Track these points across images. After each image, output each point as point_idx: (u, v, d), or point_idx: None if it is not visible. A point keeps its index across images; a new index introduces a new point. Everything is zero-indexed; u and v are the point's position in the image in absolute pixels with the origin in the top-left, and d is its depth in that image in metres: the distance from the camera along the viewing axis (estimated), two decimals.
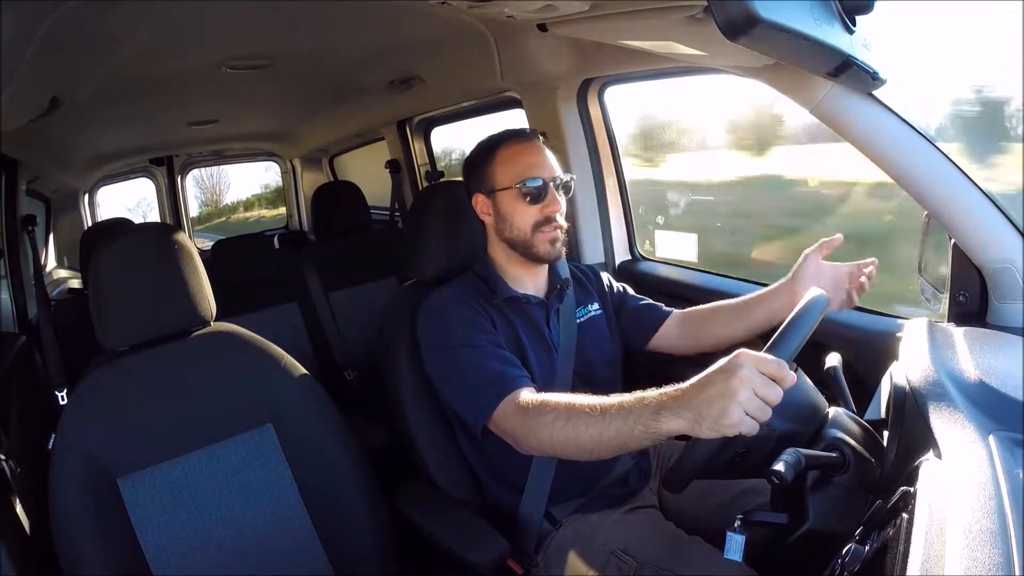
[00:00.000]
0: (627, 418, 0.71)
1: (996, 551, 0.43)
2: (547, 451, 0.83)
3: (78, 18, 0.93)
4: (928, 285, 1.04)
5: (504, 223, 1.03)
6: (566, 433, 0.77)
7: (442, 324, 1.00)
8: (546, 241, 1.01)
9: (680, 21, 0.85)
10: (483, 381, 0.91)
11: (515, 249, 1.04)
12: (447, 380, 0.98)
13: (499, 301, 1.03)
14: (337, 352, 2.05)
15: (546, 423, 0.80)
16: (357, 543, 0.99)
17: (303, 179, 3.43)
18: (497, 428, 0.90)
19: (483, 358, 0.93)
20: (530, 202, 1.01)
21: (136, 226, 1.06)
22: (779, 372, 0.63)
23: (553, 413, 0.80)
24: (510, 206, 1.02)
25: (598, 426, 0.74)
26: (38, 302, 1.82)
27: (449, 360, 0.97)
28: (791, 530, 0.70)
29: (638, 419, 0.70)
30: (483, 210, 1.06)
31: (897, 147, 0.90)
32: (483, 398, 0.90)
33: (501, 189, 1.02)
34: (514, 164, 1.02)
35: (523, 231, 1.01)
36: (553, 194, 1.01)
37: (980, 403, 0.64)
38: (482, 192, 1.05)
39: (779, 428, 0.75)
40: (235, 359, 1.01)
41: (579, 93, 1.53)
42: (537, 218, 1.01)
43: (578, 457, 0.79)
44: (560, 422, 0.78)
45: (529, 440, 0.84)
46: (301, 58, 1.53)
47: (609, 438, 0.73)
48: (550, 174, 1.02)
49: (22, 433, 1.29)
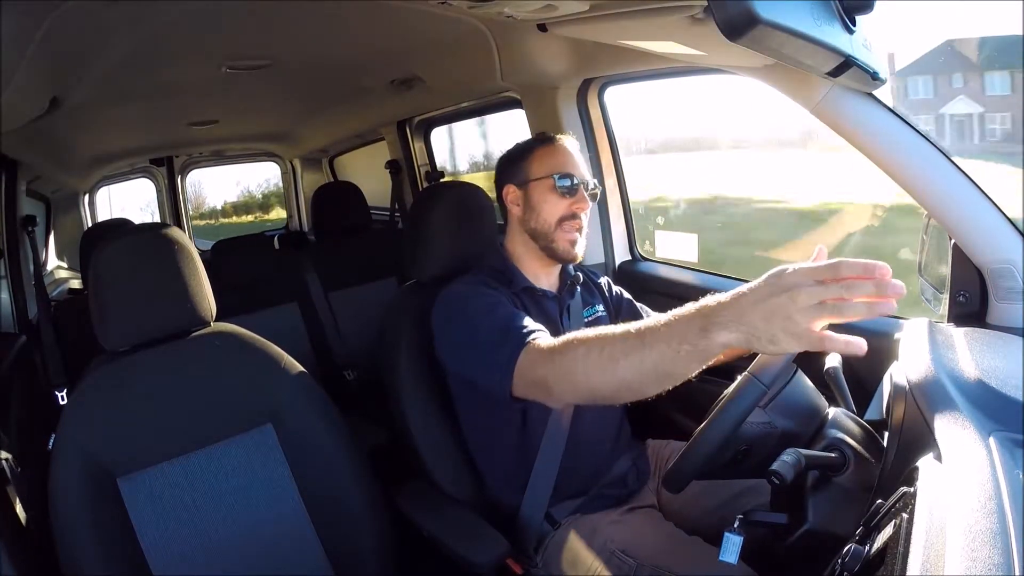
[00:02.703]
0: (670, 339, 0.62)
1: (996, 551, 0.43)
2: (582, 394, 0.75)
3: (78, 18, 0.93)
4: (928, 285, 1.04)
5: (532, 213, 1.05)
6: (603, 366, 0.68)
7: (459, 307, 0.98)
8: (567, 239, 1.03)
9: (680, 21, 0.85)
10: (500, 340, 0.86)
11: (536, 241, 1.05)
12: (467, 356, 0.94)
13: (516, 290, 1.04)
14: (337, 352, 2.05)
15: (579, 357, 0.71)
16: (357, 543, 0.99)
17: (303, 179, 3.42)
18: (525, 382, 0.83)
19: (500, 319, 0.90)
20: (561, 195, 1.03)
21: (136, 226, 1.06)
22: (834, 272, 0.54)
23: (584, 346, 0.71)
24: (541, 196, 1.04)
25: (638, 352, 0.64)
26: (38, 302, 1.82)
27: (466, 335, 0.94)
28: (791, 530, 0.71)
29: (684, 337, 0.61)
30: (513, 200, 1.08)
31: (897, 147, 0.90)
32: (504, 354, 0.84)
33: (535, 179, 1.05)
34: (552, 159, 1.06)
35: (549, 223, 1.04)
36: (582, 193, 1.04)
37: (980, 403, 0.64)
38: (514, 183, 1.08)
39: (780, 427, 0.75)
40: (235, 359, 1.01)
41: (579, 93, 1.53)
42: (564, 212, 1.03)
43: (619, 396, 0.71)
44: (594, 354, 0.69)
45: (562, 384, 0.76)
46: (301, 58, 1.53)
47: (652, 364, 0.64)
48: (582, 176, 1.05)
49: (22, 433, 1.30)
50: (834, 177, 1.84)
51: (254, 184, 4.05)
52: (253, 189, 4.09)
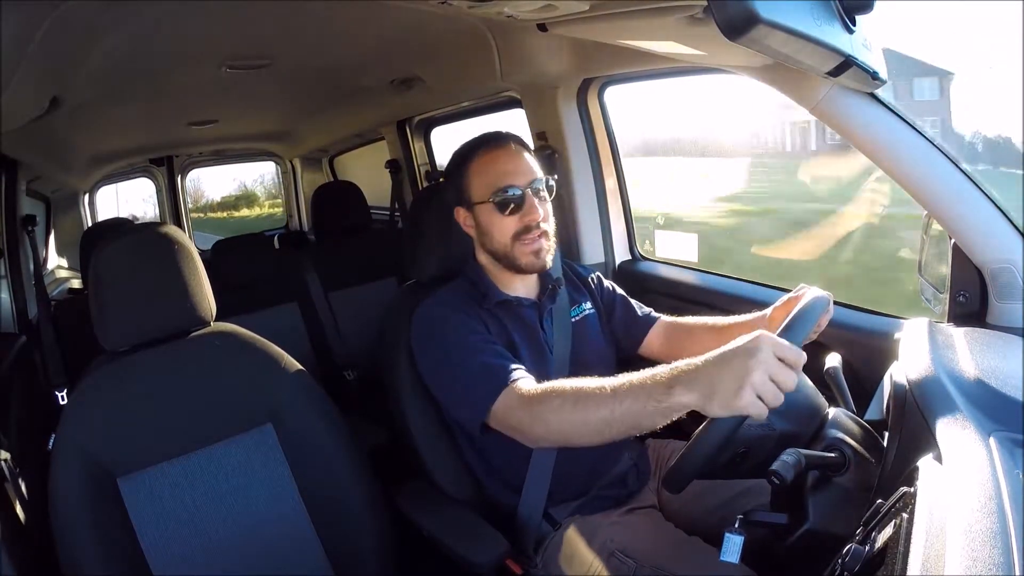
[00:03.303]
0: (638, 395, 0.69)
1: (996, 551, 0.43)
2: (555, 438, 0.81)
3: (78, 18, 0.93)
4: (928, 285, 1.04)
5: (485, 236, 1.01)
6: (575, 416, 0.74)
7: (434, 330, 0.99)
8: (528, 253, 0.98)
9: (680, 21, 0.85)
10: (479, 378, 0.89)
11: (499, 261, 1.02)
12: (443, 384, 0.97)
13: (490, 305, 1.02)
14: (337, 352, 2.05)
15: (553, 408, 0.77)
16: (357, 543, 0.99)
17: (303, 179, 3.43)
18: (500, 423, 0.87)
19: (477, 355, 0.92)
20: (508, 213, 0.97)
21: (136, 226, 1.06)
22: (795, 358, 0.63)
23: (560, 398, 0.77)
24: (487, 219, 0.99)
25: (608, 406, 0.71)
26: (38, 302, 1.82)
27: (443, 364, 0.96)
28: (791, 530, 0.70)
29: (650, 395, 0.67)
30: (466, 223, 1.03)
31: (897, 147, 0.90)
32: (480, 393, 0.87)
33: (478, 203, 0.99)
34: (487, 175, 0.98)
35: (503, 243, 0.99)
36: (531, 201, 0.96)
37: (980, 403, 0.64)
38: (462, 206, 1.02)
39: (779, 428, 0.75)
40: (235, 359, 1.01)
41: (579, 93, 1.53)
42: (516, 228, 0.97)
43: (589, 441, 0.76)
44: (568, 406, 0.75)
45: (535, 429, 0.81)
46: (301, 58, 1.53)
47: (620, 417, 0.70)
48: (527, 180, 0.97)
49: (22, 433, 1.30)
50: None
51: (260, 178, 4.10)
52: (259, 183, 4.13)
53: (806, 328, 0.72)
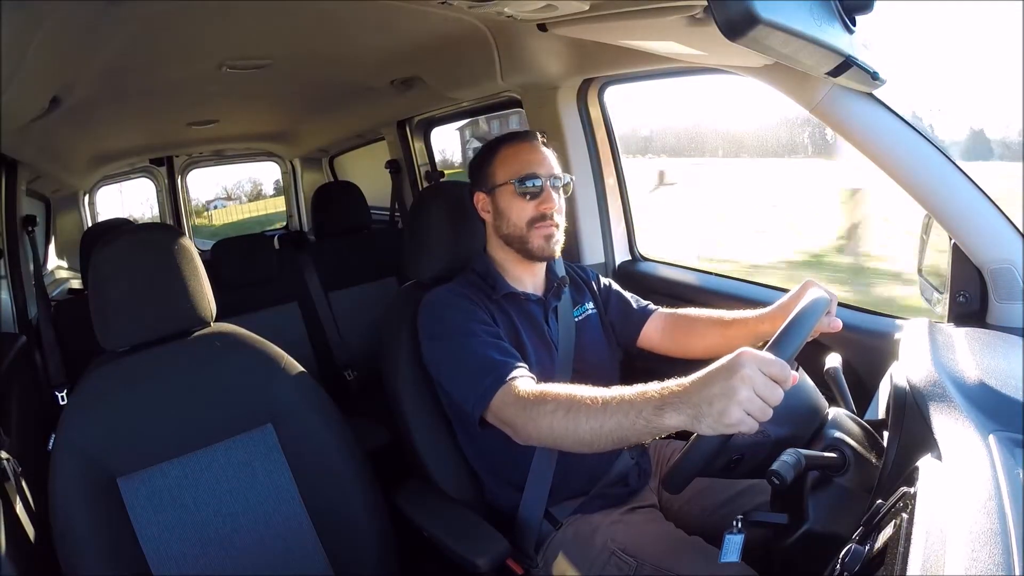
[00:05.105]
0: (628, 411, 0.70)
1: (996, 551, 0.43)
2: (545, 441, 0.82)
3: (78, 18, 0.93)
4: (928, 285, 1.04)
5: (501, 219, 1.05)
6: (566, 424, 0.76)
7: (440, 315, 1.00)
8: (541, 237, 1.03)
9: (680, 21, 0.85)
10: (480, 368, 0.90)
11: (511, 245, 1.05)
12: (444, 369, 0.98)
13: (498, 297, 1.04)
14: (337, 352, 2.05)
15: (546, 413, 0.79)
16: (357, 543, 0.99)
17: (303, 179, 3.43)
18: (495, 417, 0.89)
19: (481, 346, 0.93)
20: (527, 199, 1.03)
21: (136, 226, 1.06)
22: (781, 373, 0.63)
23: (554, 403, 0.79)
24: (507, 202, 1.04)
25: (598, 418, 0.73)
26: (38, 302, 1.82)
27: (446, 349, 0.97)
28: (791, 530, 0.70)
29: (640, 413, 0.69)
30: (483, 207, 1.08)
31: (897, 147, 0.90)
32: (480, 385, 0.89)
33: (500, 185, 1.05)
34: (513, 162, 1.05)
35: (519, 227, 1.03)
36: (549, 192, 1.03)
37: (980, 403, 0.64)
38: (483, 190, 1.07)
39: (774, 435, 0.75)
40: (235, 359, 1.01)
41: (579, 93, 1.53)
42: (533, 214, 1.02)
43: (576, 449, 0.78)
44: (560, 412, 0.77)
45: (527, 430, 0.83)
46: (301, 58, 1.53)
47: (609, 430, 0.72)
48: (548, 172, 1.04)
49: (22, 433, 1.29)
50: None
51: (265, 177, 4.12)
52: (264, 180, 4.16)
53: (797, 339, 0.71)
